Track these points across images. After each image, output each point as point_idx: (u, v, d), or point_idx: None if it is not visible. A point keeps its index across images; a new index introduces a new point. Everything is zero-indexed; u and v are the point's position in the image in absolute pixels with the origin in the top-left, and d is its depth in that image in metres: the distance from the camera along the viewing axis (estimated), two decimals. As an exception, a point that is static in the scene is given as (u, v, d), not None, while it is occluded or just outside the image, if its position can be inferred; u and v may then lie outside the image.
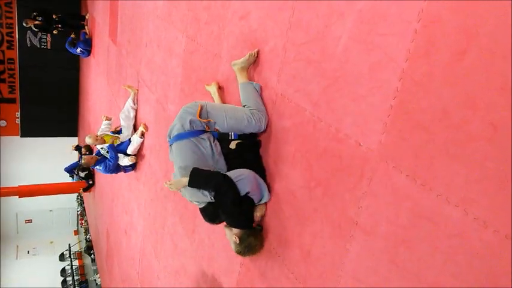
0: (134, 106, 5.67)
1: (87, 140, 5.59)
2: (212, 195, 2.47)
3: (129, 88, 5.69)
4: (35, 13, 9.59)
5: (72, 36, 9.98)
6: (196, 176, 2.45)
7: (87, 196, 11.64)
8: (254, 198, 2.51)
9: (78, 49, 9.94)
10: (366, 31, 1.80)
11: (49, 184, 11.13)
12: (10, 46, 11.85)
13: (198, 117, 2.53)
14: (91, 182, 10.33)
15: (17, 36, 11.49)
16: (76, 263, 15.35)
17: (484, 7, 1.34)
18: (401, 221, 1.67)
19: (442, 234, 1.50)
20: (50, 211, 16.98)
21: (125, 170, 6.07)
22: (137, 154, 5.75)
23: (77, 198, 16.30)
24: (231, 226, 2.59)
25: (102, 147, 5.68)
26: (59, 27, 9.89)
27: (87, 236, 14.72)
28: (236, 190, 2.41)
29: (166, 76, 4.46)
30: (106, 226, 9.21)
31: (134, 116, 5.71)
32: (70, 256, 15.48)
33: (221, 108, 2.63)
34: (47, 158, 14.19)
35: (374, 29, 1.76)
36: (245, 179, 2.42)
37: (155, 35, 4.79)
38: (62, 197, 14.56)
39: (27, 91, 12.09)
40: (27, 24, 9.53)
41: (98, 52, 9.03)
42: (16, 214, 16.20)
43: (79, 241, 16.54)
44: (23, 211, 16.07)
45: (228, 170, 2.57)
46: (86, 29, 10.16)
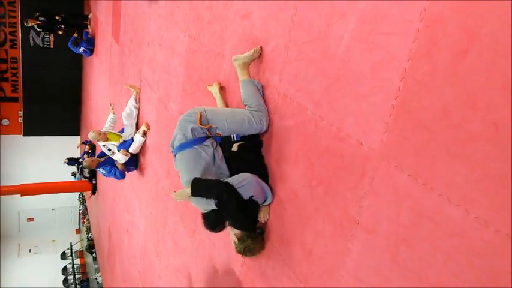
0: (136, 105, 5.69)
1: (89, 135, 5.63)
2: (215, 203, 2.48)
3: (132, 88, 5.71)
4: (38, 13, 9.60)
5: (75, 35, 9.99)
6: (197, 186, 2.47)
7: (89, 195, 11.65)
8: (258, 200, 2.53)
9: (80, 48, 9.96)
10: (368, 31, 1.80)
11: (51, 183, 11.16)
12: (13, 45, 11.87)
13: (199, 123, 2.52)
14: (94, 182, 10.36)
15: (20, 35, 11.51)
16: (77, 262, 15.39)
17: (486, 7, 1.34)
18: (402, 220, 1.67)
19: (443, 233, 1.50)
20: (52, 210, 17.02)
21: (128, 170, 6.09)
22: (138, 153, 5.77)
23: (79, 197, 16.36)
24: (236, 228, 2.63)
25: (104, 144, 5.69)
26: (62, 27, 9.90)
27: (88, 235, 14.77)
28: (239, 196, 2.43)
29: (168, 75, 4.46)
30: (108, 225, 9.23)
31: (136, 115, 5.73)
32: (71, 255, 15.52)
33: (221, 112, 2.63)
34: (49, 157, 14.21)
35: (376, 29, 1.77)
36: (247, 184, 2.43)
37: (157, 34, 4.80)
38: (64, 196, 14.61)
39: (29, 90, 12.11)
40: (27, 23, 9.55)
41: (101, 51, 9.04)
42: (18, 212, 16.26)
43: (81, 240, 16.59)
44: (25, 210, 16.12)
45: (231, 173, 2.58)
46: (89, 28, 10.18)
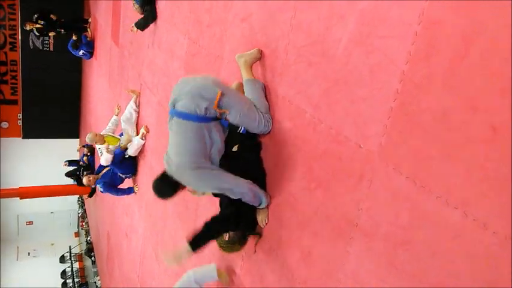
0: (136, 109, 5.69)
1: (87, 137, 5.65)
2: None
3: (132, 92, 5.70)
4: (37, 15, 9.59)
5: (74, 38, 9.99)
6: (196, 243, 2.56)
7: (85, 196, 11.62)
8: (253, 204, 2.54)
9: (80, 51, 9.96)
10: (367, 33, 1.81)
11: (50, 186, 11.14)
12: (13, 48, 11.88)
13: (216, 107, 2.25)
14: (93, 187, 10.35)
15: (20, 38, 11.52)
16: (76, 265, 15.34)
17: (485, 9, 1.34)
18: (401, 223, 1.67)
19: (442, 236, 1.50)
20: (51, 213, 16.98)
21: (127, 176, 6.09)
22: (138, 155, 5.77)
23: (78, 200, 16.32)
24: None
25: (99, 147, 5.68)
26: (61, 31, 9.89)
27: (87, 238, 14.73)
28: (230, 220, 2.57)
29: (168, 78, 4.47)
30: (107, 228, 9.21)
31: (136, 119, 5.73)
32: (70, 258, 15.47)
33: (240, 102, 2.38)
34: (48, 160, 14.19)
35: (374, 31, 1.77)
36: (238, 192, 2.42)
37: (157, 37, 4.81)
38: (63, 199, 14.59)
39: (29, 93, 12.10)
40: (26, 27, 9.54)
41: (100, 54, 9.05)
42: (17, 216, 16.21)
43: (80, 243, 16.54)
44: (24, 213, 16.07)
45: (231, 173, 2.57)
46: (89, 32, 10.18)
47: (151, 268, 5.42)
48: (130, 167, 5.91)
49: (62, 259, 15.87)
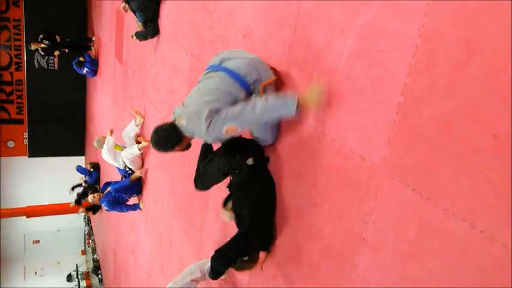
0: (137, 129, 5.72)
1: (95, 142, 5.78)
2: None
3: (137, 114, 5.74)
4: (42, 35, 9.74)
5: (80, 59, 10.14)
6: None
7: (94, 215, 11.64)
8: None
9: (84, 69, 10.09)
10: (367, 47, 1.82)
11: (56, 204, 11.17)
12: (18, 68, 12.04)
13: (262, 87, 2.29)
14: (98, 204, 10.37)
15: (25, 58, 11.68)
16: (84, 284, 15.26)
17: (483, 21, 1.35)
18: (408, 236, 1.66)
19: (450, 248, 1.49)
20: (58, 231, 16.97)
21: (131, 195, 6.10)
22: (142, 171, 5.81)
23: (84, 217, 16.31)
24: None
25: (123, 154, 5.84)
26: (66, 50, 10.03)
27: (94, 256, 14.66)
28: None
29: (172, 94, 4.50)
30: (113, 245, 9.18)
31: (136, 135, 5.77)
32: (77, 276, 15.40)
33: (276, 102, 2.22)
34: (54, 177, 14.25)
35: (375, 45, 1.78)
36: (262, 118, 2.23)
37: (160, 54, 4.86)
38: (69, 217, 14.58)
39: (34, 111, 12.22)
40: (31, 47, 9.69)
41: (104, 72, 9.15)
42: (24, 235, 16.21)
43: (86, 261, 16.48)
44: (31, 232, 16.08)
45: (247, 182, 2.55)
46: (92, 50, 10.32)
47: (158, 285, 5.38)
48: (135, 189, 5.95)
49: (69, 278, 15.79)
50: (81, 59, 10.11)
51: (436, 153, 1.53)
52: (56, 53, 9.98)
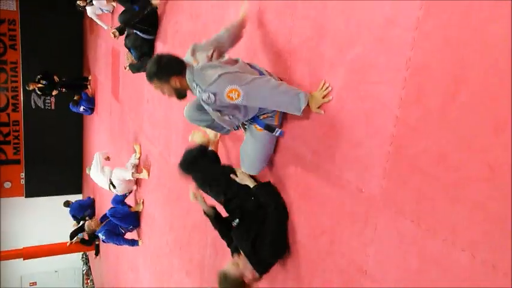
0: (135, 162, 5.74)
1: (87, 171, 5.78)
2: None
3: (136, 148, 5.79)
4: (39, 76, 9.89)
5: (75, 98, 10.27)
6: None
7: (93, 254, 11.42)
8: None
9: (81, 107, 10.17)
10: (358, 80, 1.86)
11: (53, 244, 10.98)
12: (15, 109, 12.12)
13: None
14: (97, 243, 10.22)
15: (22, 98, 11.79)
16: (82, 325, 14.80)
17: (470, 52, 1.39)
18: (410, 268, 1.64)
19: (453, 279, 1.47)
20: (55, 272, 16.59)
21: (128, 230, 6.02)
22: (139, 212, 5.79)
23: (82, 257, 16.00)
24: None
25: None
26: (63, 90, 10.16)
27: (93, 296, 14.29)
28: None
29: (168, 130, 4.53)
30: (112, 285, 8.97)
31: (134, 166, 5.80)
32: (76, 318, 14.95)
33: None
34: (51, 217, 14.06)
35: (365, 78, 1.82)
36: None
37: (156, 92, 4.90)
38: (67, 256, 14.30)
39: (31, 151, 12.21)
40: (29, 87, 9.82)
41: (101, 109, 9.23)
42: (20, 277, 15.83)
43: (85, 302, 16.03)
44: (27, 273, 15.69)
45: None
46: (89, 88, 10.45)
47: (159, 325, 5.23)
48: (132, 220, 5.87)
49: (67, 320, 15.33)
50: (75, 98, 10.22)
51: (432, 183, 1.53)
52: (54, 93, 10.11)
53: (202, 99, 2.14)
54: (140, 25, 4.71)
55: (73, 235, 9.54)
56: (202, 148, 2.92)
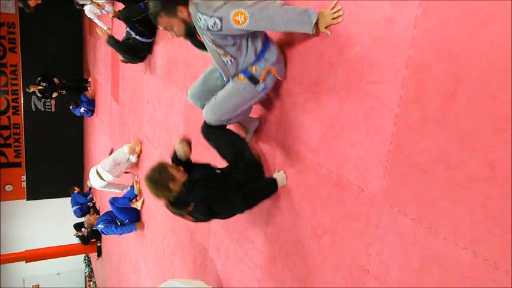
0: (127, 156, 5.79)
1: (88, 184, 5.84)
2: None
3: (136, 144, 5.82)
4: (40, 78, 9.91)
5: (76, 102, 10.29)
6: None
7: (94, 256, 11.44)
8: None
9: (81, 109, 10.18)
10: (357, 80, 1.86)
11: (56, 246, 10.99)
12: (16, 112, 12.13)
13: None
14: (99, 244, 10.23)
15: (22, 101, 11.81)
16: (85, 327, 14.80)
17: (468, 50, 1.39)
18: (412, 266, 1.64)
19: (455, 277, 1.47)
20: (58, 274, 16.60)
21: (129, 229, 6.04)
22: (139, 210, 5.79)
23: (84, 259, 16.02)
24: None
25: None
26: (63, 92, 10.18)
27: (95, 298, 14.30)
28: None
29: (168, 131, 4.53)
30: (114, 287, 8.98)
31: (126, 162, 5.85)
32: (79, 320, 14.95)
33: None
34: (52, 220, 14.08)
35: (365, 78, 1.82)
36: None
37: (156, 93, 4.92)
38: (69, 259, 14.31)
39: (32, 154, 12.23)
40: (29, 89, 9.83)
41: (101, 111, 9.23)
42: (23, 280, 15.84)
43: (88, 304, 16.04)
44: (30, 276, 15.70)
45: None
46: (89, 91, 10.46)
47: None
48: (129, 214, 5.92)
49: (70, 322, 15.34)
50: (77, 102, 10.25)
51: (433, 182, 1.53)
52: (54, 95, 10.12)
53: (208, 26, 2.03)
54: (139, 25, 4.71)
55: (78, 227, 9.61)
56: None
